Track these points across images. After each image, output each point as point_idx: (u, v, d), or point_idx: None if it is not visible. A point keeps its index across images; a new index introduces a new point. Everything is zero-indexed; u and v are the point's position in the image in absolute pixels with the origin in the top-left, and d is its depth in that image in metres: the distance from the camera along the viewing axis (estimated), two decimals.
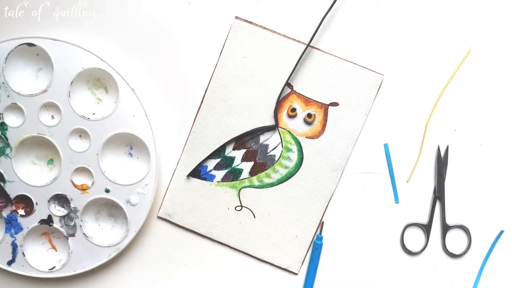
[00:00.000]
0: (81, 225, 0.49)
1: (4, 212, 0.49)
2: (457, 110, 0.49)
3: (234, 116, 0.49)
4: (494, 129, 0.49)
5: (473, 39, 0.48)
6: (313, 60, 0.48)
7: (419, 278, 0.50)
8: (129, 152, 0.50)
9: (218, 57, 0.49)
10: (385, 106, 0.49)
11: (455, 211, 0.49)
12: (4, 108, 0.48)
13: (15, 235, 0.49)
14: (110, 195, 0.48)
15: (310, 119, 0.49)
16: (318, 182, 0.49)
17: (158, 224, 0.51)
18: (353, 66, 0.48)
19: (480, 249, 0.50)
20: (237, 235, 0.50)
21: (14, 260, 0.49)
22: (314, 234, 0.50)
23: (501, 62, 0.48)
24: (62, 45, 0.47)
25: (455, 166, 0.49)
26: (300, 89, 0.49)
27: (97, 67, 0.47)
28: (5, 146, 0.48)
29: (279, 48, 0.48)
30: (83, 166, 0.48)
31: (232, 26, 0.48)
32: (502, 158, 0.49)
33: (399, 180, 0.49)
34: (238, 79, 0.49)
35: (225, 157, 0.50)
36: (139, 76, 0.50)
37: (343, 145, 0.49)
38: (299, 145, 0.49)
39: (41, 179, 0.49)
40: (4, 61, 0.47)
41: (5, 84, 0.48)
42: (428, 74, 0.49)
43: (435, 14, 0.48)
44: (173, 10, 0.49)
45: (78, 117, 0.48)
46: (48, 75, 0.49)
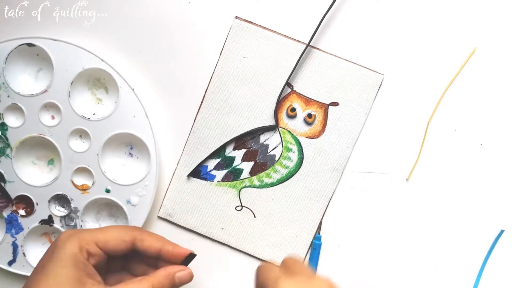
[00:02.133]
0: (81, 225, 0.49)
1: (5, 212, 0.49)
2: (457, 110, 0.49)
3: (234, 116, 0.49)
4: (494, 129, 0.49)
5: (476, 39, 0.48)
6: (313, 60, 0.48)
7: (419, 278, 0.50)
8: (129, 152, 0.50)
9: (218, 57, 0.49)
10: (385, 106, 0.49)
11: (455, 210, 0.49)
12: (4, 108, 0.48)
13: (16, 235, 0.49)
14: (110, 195, 0.48)
15: (310, 119, 0.49)
16: (318, 182, 0.49)
17: (158, 224, 0.51)
18: (353, 66, 0.48)
19: (480, 249, 0.50)
20: (237, 235, 0.50)
21: (14, 260, 0.49)
22: (314, 234, 0.50)
23: (502, 63, 0.48)
24: (62, 45, 0.47)
25: (455, 166, 0.49)
26: (300, 89, 0.49)
27: (97, 67, 0.47)
28: (5, 146, 0.48)
29: (279, 48, 0.48)
30: (83, 166, 0.48)
31: (232, 26, 0.48)
32: (503, 158, 0.49)
33: (399, 180, 0.49)
34: (238, 79, 0.49)
35: (225, 157, 0.50)
36: (139, 76, 0.50)
37: (343, 145, 0.49)
38: (299, 145, 0.49)
39: (42, 179, 0.49)
40: (4, 61, 0.47)
41: (5, 84, 0.48)
42: (429, 74, 0.49)
43: (436, 14, 0.48)
44: (173, 10, 0.49)
45: (78, 117, 0.48)
46: (48, 75, 0.49)
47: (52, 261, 0.36)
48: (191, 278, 0.41)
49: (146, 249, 0.40)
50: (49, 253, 0.38)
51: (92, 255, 0.38)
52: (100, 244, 0.39)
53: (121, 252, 0.40)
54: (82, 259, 0.37)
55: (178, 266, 0.40)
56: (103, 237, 0.39)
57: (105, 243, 0.39)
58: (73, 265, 0.36)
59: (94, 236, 0.39)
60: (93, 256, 0.39)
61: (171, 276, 0.39)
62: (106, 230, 0.40)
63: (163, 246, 0.41)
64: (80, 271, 0.36)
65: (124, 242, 0.40)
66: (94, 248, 0.39)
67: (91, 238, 0.39)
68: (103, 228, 0.41)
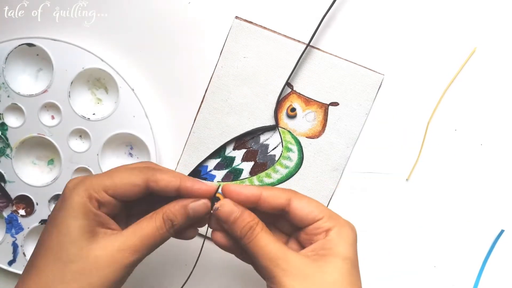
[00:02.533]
0: None
1: (5, 212, 0.49)
2: (457, 110, 0.49)
3: (234, 116, 0.49)
4: (494, 129, 0.49)
5: (476, 39, 0.48)
6: (313, 60, 0.48)
7: (419, 278, 0.50)
8: (129, 152, 0.50)
9: (218, 57, 0.49)
10: (385, 106, 0.49)
11: (455, 210, 0.49)
12: (4, 108, 0.48)
13: (16, 235, 0.49)
14: None
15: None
16: (318, 182, 0.49)
17: None
18: (353, 66, 0.48)
19: (480, 249, 0.50)
20: None
21: (15, 260, 0.49)
22: None
23: (502, 63, 0.48)
24: (62, 45, 0.47)
25: (455, 165, 0.49)
26: (300, 89, 0.49)
27: (97, 67, 0.47)
28: (5, 146, 0.48)
29: (279, 48, 0.48)
30: (83, 166, 0.48)
31: (232, 26, 0.48)
32: (503, 158, 0.49)
33: (399, 180, 0.49)
34: (238, 79, 0.49)
35: (225, 157, 0.50)
36: (139, 76, 0.50)
37: (343, 145, 0.49)
38: (299, 145, 0.49)
39: (42, 179, 0.49)
40: (4, 61, 0.47)
41: (5, 84, 0.48)
42: (429, 74, 0.49)
43: (436, 14, 0.48)
44: (173, 10, 0.49)
45: (78, 117, 0.48)
46: (48, 75, 0.49)
47: (62, 212, 0.34)
48: (207, 209, 0.36)
49: (162, 189, 0.36)
50: (59, 203, 0.35)
51: (103, 204, 0.35)
52: (110, 192, 0.35)
53: (134, 196, 0.36)
54: (91, 208, 0.34)
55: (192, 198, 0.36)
56: (111, 183, 0.35)
57: (115, 189, 0.35)
58: (83, 215, 0.34)
59: (102, 183, 0.35)
60: (104, 205, 0.35)
61: (184, 207, 0.36)
62: (114, 174, 0.36)
63: (181, 183, 0.36)
64: (91, 220, 0.34)
65: (135, 186, 0.35)
66: (103, 196, 0.35)
67: (98, 185, 0.35)
68: (111, 172, 0.36)
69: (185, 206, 0.36)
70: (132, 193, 0.36)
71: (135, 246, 0.34)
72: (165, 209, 0.36)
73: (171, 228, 0.35)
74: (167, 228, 0.35)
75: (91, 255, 0.33)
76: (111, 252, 0.34)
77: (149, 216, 0.36)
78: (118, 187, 0.35)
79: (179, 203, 0.36)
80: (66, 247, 0.33)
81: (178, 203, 0.36)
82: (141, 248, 0.34)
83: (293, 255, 0.34)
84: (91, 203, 0.34)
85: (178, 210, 0.36)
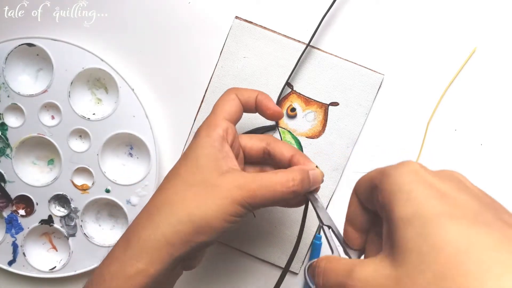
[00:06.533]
0: (81, 225, 0.49)
1: (5, 212, 0.49)
2: (457, 110, 0.49)
3: None
4: (494, 129, 0.49)
5: (476, 39, 0.48)
6: (313, 60, 0.48)
7: None
8: (129, 152, 0.50)
9: (218, 57, 0.49)
10: (385, 106, 0.49)
11: None
12: (4, 108, 0.48)
13: (16, 235, 0.49)
14: (110, 195, 0.48)
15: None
16: None
17: None
18: (353, 66, 0.48)
19: None
20: (237, 235, 0.50)
21: (14, 260, 0.49)
22: (314, 234, 0.50)
23: (502, 63, 0.48)
24: (62, 45, 0.47)
25: (455, 165, 0.49)
26: (300, 89, 0.49)
27: (97, 67, 0.47)
28: (5, 146, 0.48)
29: (279, 48, 0.48)
30: (83, 166, 0.48)
31: (232, 26, 0.48)
32: (503, 158, 0.49)
33: None
34: (238, 79, 0.49)
35: None
36: (139, 76, 0.50)
37: (343, 145, 0.49)
38: (299, 145, 0.49)
39: (42, 179, 0.49)
40: (4, 61, 0.47)
41: (5, 84, 0.48)
42: (429, 74, 0.49)
43: (436, 15, 0.48)
44: (173, 10, 0.49)
45: (78, 117, 0.48)
46: (48, 75, 0.49)
47: (194, 145, 0.37)
48: (322, 180, 0.39)
49: (277, 153, 0.40)
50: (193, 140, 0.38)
51: (233, 147, 0.38)
52: (242, 142, 0.40)
53: (255, 153, 0.40)
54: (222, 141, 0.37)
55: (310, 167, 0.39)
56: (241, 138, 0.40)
57: (244, 141, 0.40)
58: (211, 147, 0.36)
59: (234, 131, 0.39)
60: (233, 147, 0.38)
61: (305, 172, 0.38)
62: (241, 136, 0.41)
63: (295, 154, 0.39)
64: (218, 152, 0.36)
65: (260, 141, 0.40)
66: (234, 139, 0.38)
67: (232, 130, 0.38)
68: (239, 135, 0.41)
69: (306, 171, 0.38)
70: (256, 147, 0.41)
71: (253, 191, 0.35)
72: (289, 171, 0.37)
73: (289, 188, 0.36)
74: (287, 187, 0.36)
75: (213, 183, 0.35)
76: (232, 185, 0.35)
77: (273, 171, 0.37)
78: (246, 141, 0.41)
79: (301, 167, 0.38)
80: (192, 171, 0.36)
81: (300, 167, 0.38)
82: (256, 194, 0.35)
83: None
84: (227, 137, 0.37)
85: (299, 173, 0.37)
